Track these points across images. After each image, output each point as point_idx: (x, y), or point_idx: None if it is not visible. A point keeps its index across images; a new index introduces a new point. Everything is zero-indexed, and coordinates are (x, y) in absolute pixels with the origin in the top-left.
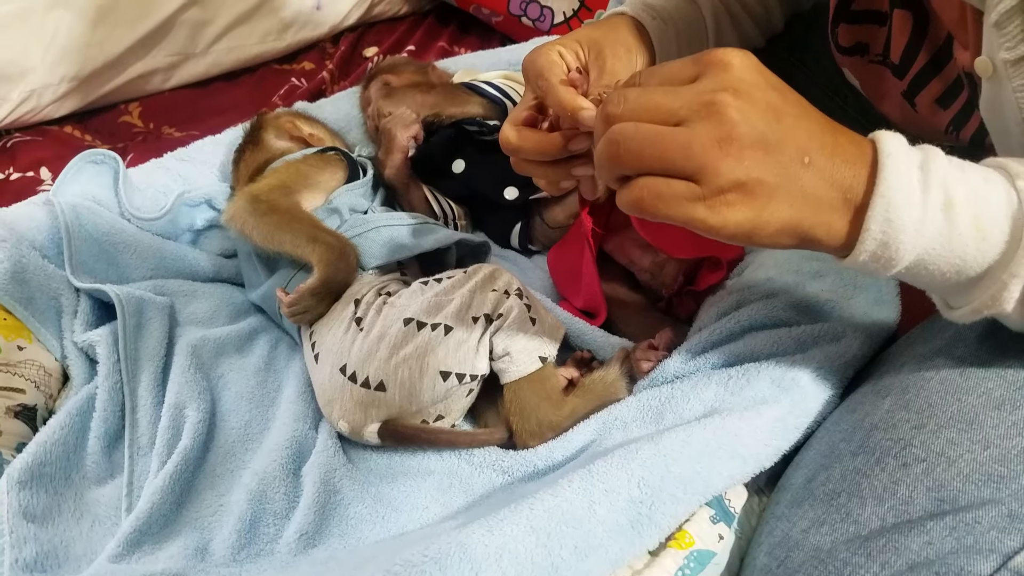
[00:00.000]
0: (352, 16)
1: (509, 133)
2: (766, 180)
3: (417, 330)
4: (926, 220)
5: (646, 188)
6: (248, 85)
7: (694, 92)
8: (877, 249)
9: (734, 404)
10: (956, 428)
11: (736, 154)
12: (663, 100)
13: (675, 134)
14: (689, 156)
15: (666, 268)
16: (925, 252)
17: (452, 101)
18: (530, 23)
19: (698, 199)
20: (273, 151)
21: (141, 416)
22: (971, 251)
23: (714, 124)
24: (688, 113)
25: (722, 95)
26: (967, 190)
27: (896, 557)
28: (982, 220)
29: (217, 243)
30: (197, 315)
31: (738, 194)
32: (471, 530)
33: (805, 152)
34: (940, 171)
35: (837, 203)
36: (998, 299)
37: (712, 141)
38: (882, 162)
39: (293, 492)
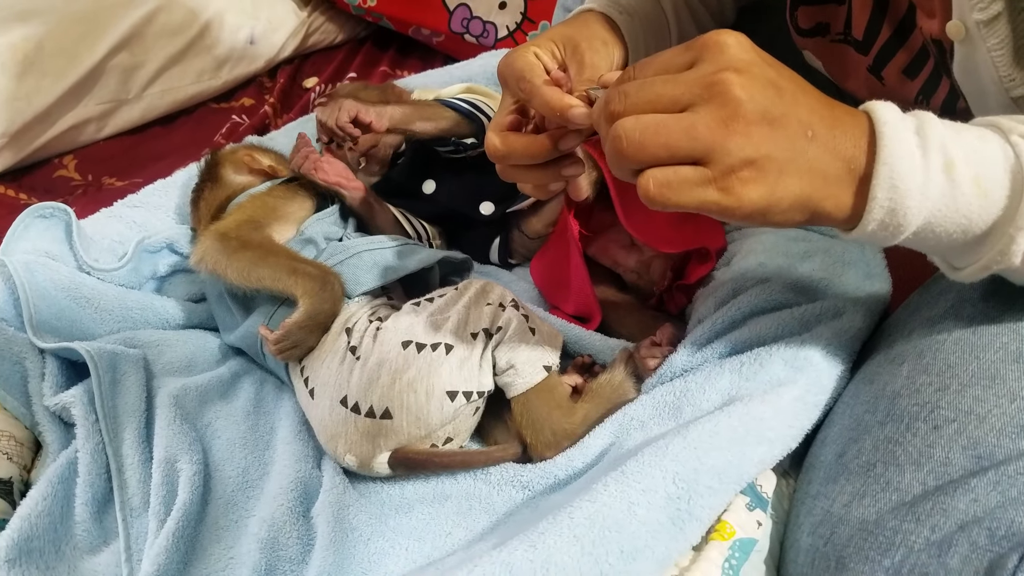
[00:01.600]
0: (287, 48)
1: (495, 140)
2: (775, 155)
3: (417, 352)
4: (929, 183)
5: (652, 179)
6: (187, 127)
7: (695, 75)
8: (885, 217)
9: (751, 389)
10: (980, 385)
11: (743, 131)
12: (664, 89)
13: (678, 120)
14: (695, 138)
15: (653, 266)
16: (931, 215)
17: (423, 115)
18: (474, 40)
19: (708, 182)
20: (234, 186)
21: (129, 476)
22: (975, 209)
23: (718, 104)
24: (691, 97)
25: (724, 74)
26: (964, 150)
27: (944, 518)
28: (982, 178)
29: (183, 288)
30: (174, 364)
31: (750, 171)
32: (513, 547)
33: (808, 126)
34: (936, 134)
35: (842, 174)
36: (1006, 253)
37: (717, 121)
38: (880, 131)
39: (306, 535)
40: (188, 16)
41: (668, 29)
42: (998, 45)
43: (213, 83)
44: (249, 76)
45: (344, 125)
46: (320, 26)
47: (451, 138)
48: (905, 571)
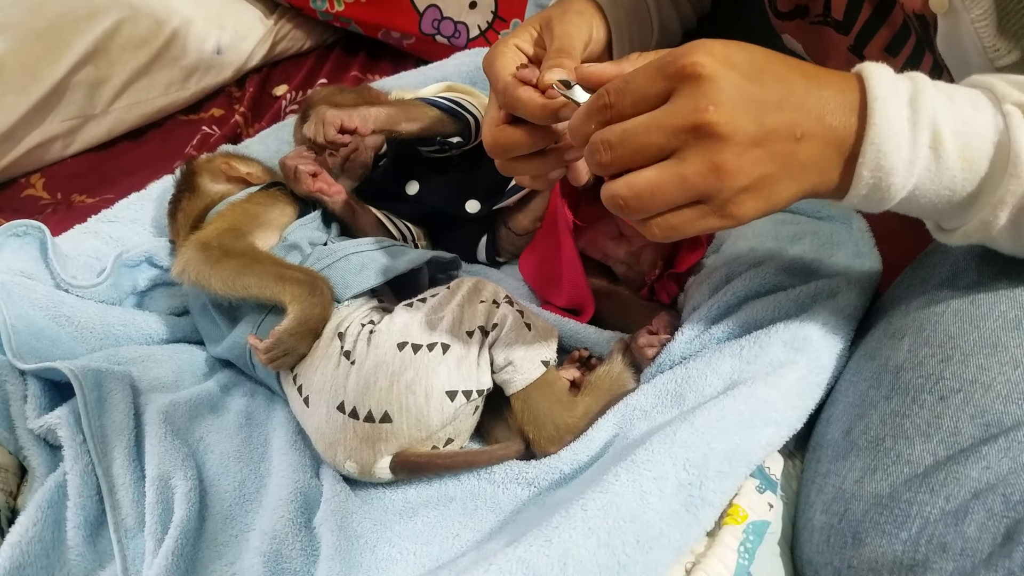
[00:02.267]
0: (255, 56)
1: (493, 135)
2: (767, 173)
3: (414, 353)
4: (915, 160)
5: (656, 227)
6: (156, 140)
7: (676, 118)
8: (870, 192)
9: (753, 372)
10: (982, 354)
11: (735, 167)
12: (647, 139)
13: (669, 179)
14: (690, 189)
15: (643, 256)
16: (915, 188)
17: (407, 115)
18: (445, 41)
19: (708, 214)
20: (212, 195)
21: (122, 496)
22: (959, 180)
23: (704, 147)
24: (677, 143)
25: (705, 115)
26: (955, 122)
27: (958, 487)
28: (969, 150)
29: (165, 302)
30: (160, 380)
31: (745, 195)
32: (528, 543)
33: (795, 127)
34: (929, 105)
35: (833, 160)
36: (987, 224)
37: (708, 168)
38: (871, 106)
39: (310, 546)
40: (153, 28)
41: (648, 14)
42: (981, 16)
43: (181, 95)
44: (217, 86)
45: (335, 139)
46: (287, 33)
47: (436, 137)
48: (923, 542)
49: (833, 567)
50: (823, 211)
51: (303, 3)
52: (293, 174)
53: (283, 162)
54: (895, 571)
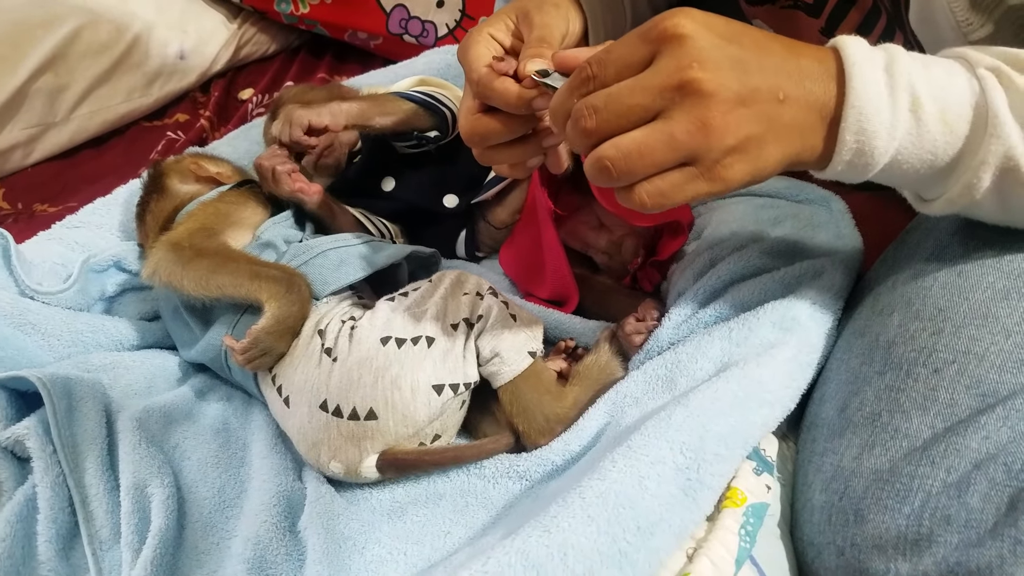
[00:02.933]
0: (220, 61)
1: (470, 124)
2: (753, 133)
3: (398, 347)
4: (896, 123)
5: (645, 192)
6: (119, 148)
7: (661, 77)
8: (853, 157)
9: (744, 354)
10: (973, 325)
11: (721, 124)
12: (632, 100)
13: (657, 135)
14: (677, 148)
15: (624, 245)
16: (898, 152)
17: (381, 109)
18: (413, 40)
19: (696, 177)
20: (181, 196)
21: (95, 507)
22: (940, 144)
23: (691, 104)
24: (662, 103)
25: (689, 72)
26: (931, 86)
27: (959, 459)
28: (948, 113)
29: (135, 307)
30: (132, 387)
31: (733, 156)
32: (526, 535)
33: (777, 89)
34: (905, 71)
35: (815, 123)
36: (970, 187)
37: (695, 124)
38: (849, 72)
39: (296, 551)
40: (113, 33)
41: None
42: None
43: (144, 100)
44: (181, 92)
45: (299, 139)
46: (252, 37)
47: (412, 132)
48: (926, 516)
49: (836, 546)
50: (801, 194)
51: (267, 6)
52: (272, 175)
53: (259, 163)
54: (899, 546)
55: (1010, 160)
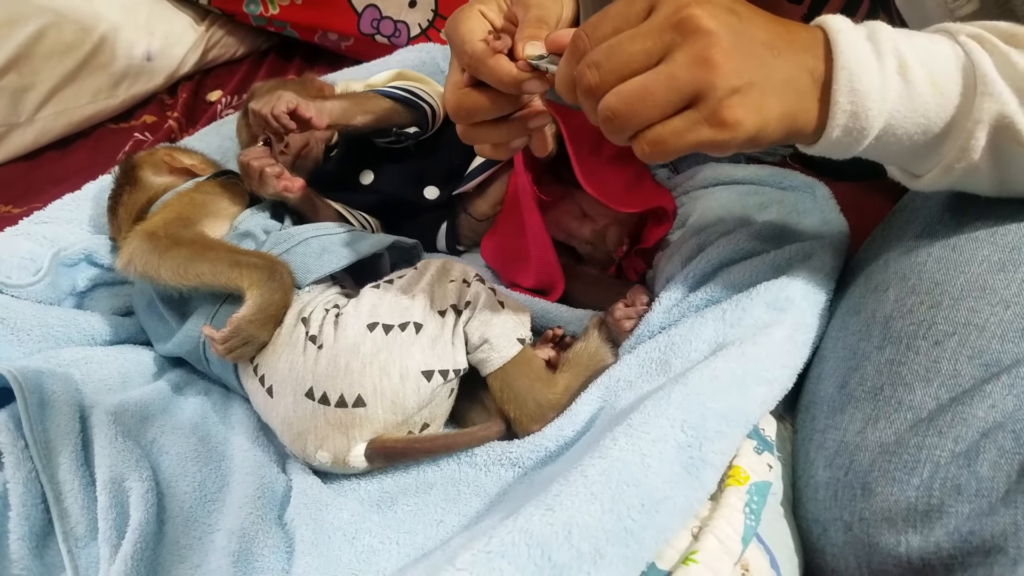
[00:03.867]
0: (187, 63)
1: (457, 98)
2: (754, 79)
3: (385, 334)
4: (887, 85)
5: (646, 142)
6: (85, 149)
7: (659, 20)
8: (848, 121)
9: (738, 334)
10: (971, 297)
11: (723, 62)
12: (633, 46)
13: (657, 77)
14: (679, 88)
15: (608, 234)
16: (891, 116)
17: (362, 108)
18: (385, 40)
19: (699, 123)
20: (156, 188)
21: (70, 503)
22: (932, 107)
23: (691, 42)
24: (663, 45)
25: (688, 10)
26: (916, 51)
27: (966, 428)
28: (936, 76)
29: (107, 302)
30: (106, 382)
31: (737, 99)
32: (529, 513)
33: (772, 45)
34: (888, 38)
35: (809, 86)
36: (966, 149)
37: (696, 61)
38: (834, 39)
39: (283, 542)
40: (79, 34)
41: None
42: None
43: (111, 102)
44: (148, 93)
45: (280, 115)
46: (220, 40)
47: (392, 128)
48: (936, 486)
49: (843, 522)
50: (785, 181)
51: (235, 8)
52: (258, 176)
53: (245, 162)
54: (910, 518)
55: (1005, 118)
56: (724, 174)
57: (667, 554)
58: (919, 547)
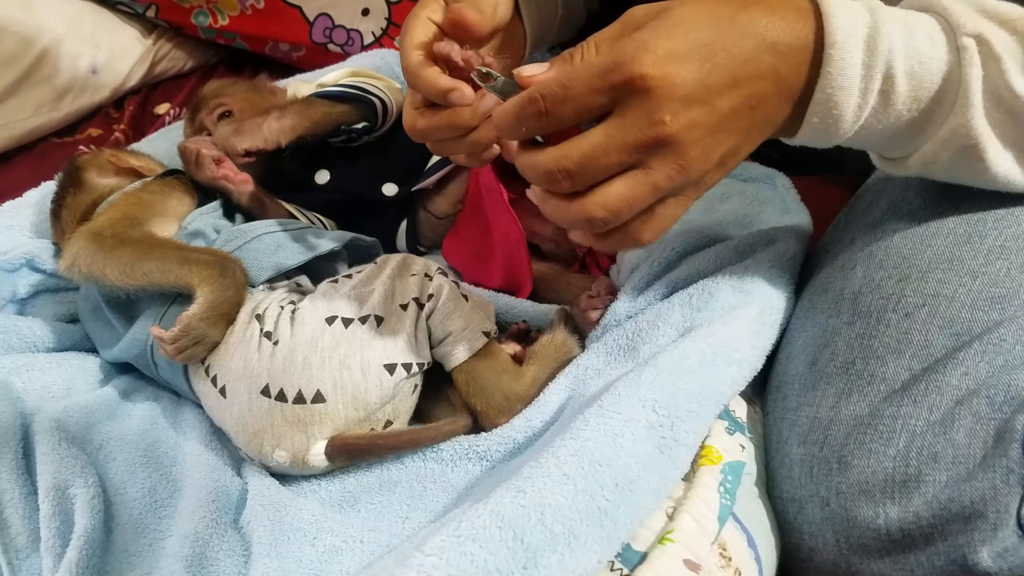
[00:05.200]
0: (134, 77)
1: (414, 120)
2: (730, 146)
3: (345, 327)
4: (864, 105)
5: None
6: (27, 163)
7: (633, 136)
8: (815, 135)
9: (706, 318)
10: (939, 269)
11: (700, 159)
12: (608, 160)
13: (640, 187)
14: (662, 191)
15: None
16: (862, 128)
17: (311, 117)
18: (338, 49)
19: (684, 200)
20: (101, 189)
21: (10, 513)
22: (904, 117)
23: (667, 153)
24: (640, 156)
25: (663, 128)
26: (910, 61)
27: (940, 397)
28: (920, 91)
29: (50, 309)
30: (50, 389)
31: (712, 174)
32: (500, 496)
33: (749, 98)
34: (885, 48)
35: (785, 109)
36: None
37: (675, 170)
38: (827, 52)
39: (239, 546)
40: (21, 45)
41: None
42: None
43: (54, 115)
44: (94, 107)
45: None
46: (167, 53)
47: (340, 127)
48: (912, 455)
49: (820, 497)
50: (745, 173)
51: (183, 20)
52: (195, 159)
53: (183, 146)
54: (887, 488)
55: (970, 140)
56: None
57: (642, 535)
58: (898, 518)
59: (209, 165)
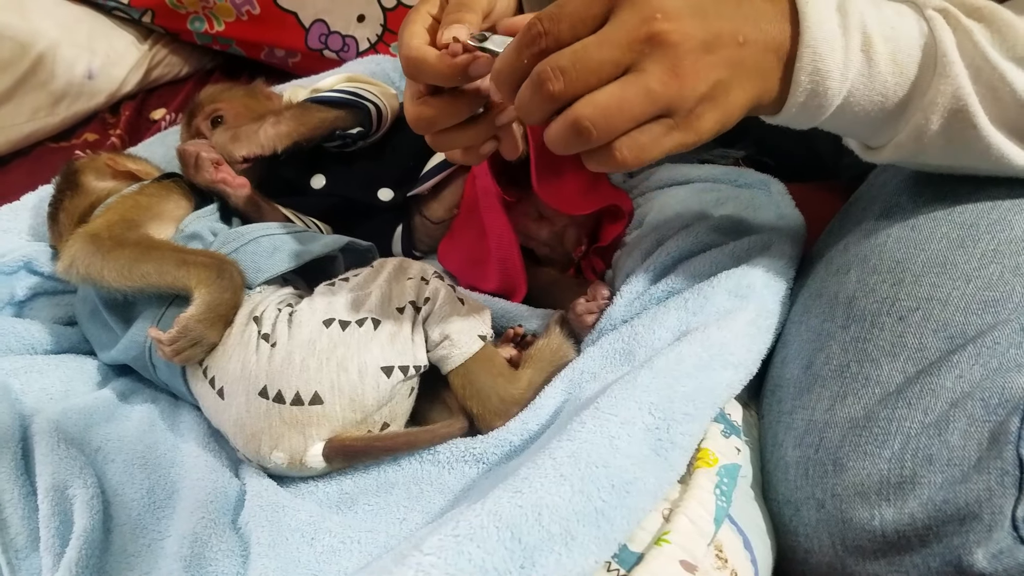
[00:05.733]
0: (130, 82)
1: (415, 110)
2: (721, 78)
3: (342, 330)
4: (849, 63)
5: (626, 148)
6: (23, 168)
7: (625, 31)
8: (807, 99)
9: (702, 321)
10: (933, 273)
11: (692, 72)
12: (601, 55)
13: (633, 89)
14: (655, 100)
15: (566, 235)
16: (850, 93)
17: (306, 123)
18: (333, 55)
19: (673, 128)
20: (99, 192)
21: (9, 513)
22: (890, 85)
23: (660, 55)
24: (632, 56)
25: (654, 24)
26: (883, 26)
27: (934, 399)
28: (898, 55)
29: (48, 312)
30: (48, 391)
31: (705, 104)
32: (497, 496)
33: (737, 32)
34: (857, 11)
35: (774, 65)
36: (920, 127)
37: (668, 74)
38: (802, 11)
39: (238, 547)
40: (16, 51)
41: None
42: None
43: (50, 120)
44: (90, 112)
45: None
46: (163, 59)
47: (335, 132)
48: (908, 457)
49: (815, 499)
50: (740, 179)
51: (179, 26)
52: (194, 161)
53: (182, 149)
54: (883, 490)
55: (958, 101)
56: (679, 174)
57: (639, 536)
58: (893, 519)
59: (208, 168)
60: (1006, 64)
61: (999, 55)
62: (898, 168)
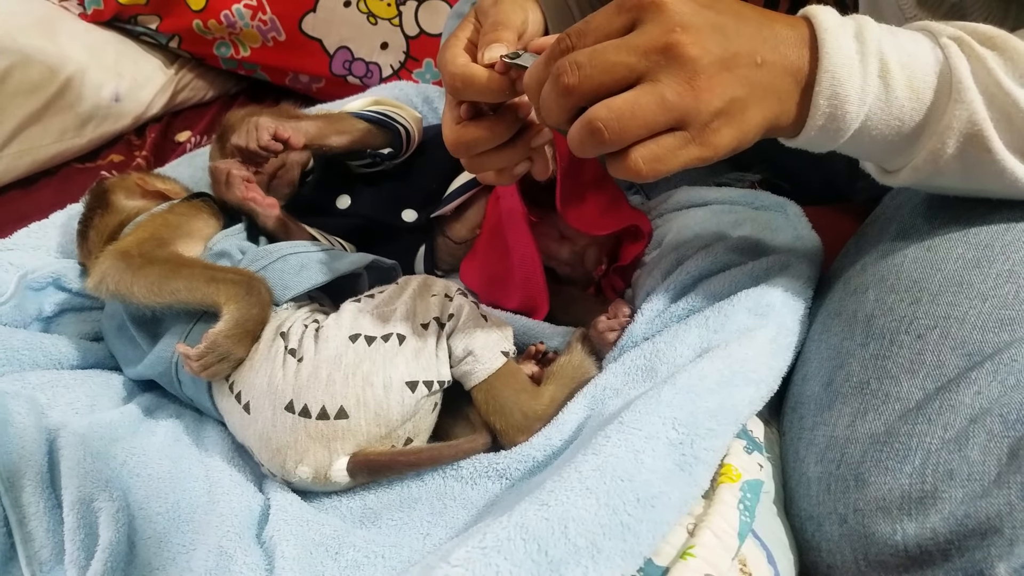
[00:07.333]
0: (155, 105)
1: (455, 134)
2: (738, 96)
3: (368, 345)
4: (867, 88)
5: (640, 157)
6: (50, 188)
7: (645, 41)
8: (826, 122)
9: (722, 339)
10: (950, 292)
11: (708, 86)
12: (617, 57)
13: (647, 97)
14: (669, 109)
15: (587, 255)
16: (868, 118)
17: (337, 128)
18: (357, 81)
19: (689, 142)
20: (128, 211)
21: (35, 526)
22: (907, 110)
23: (678, 67)
24: (648, 65)
25: (673, 36)
26: (899, 53)
27: (954, 415)
28: (915, 80)
29: (75, 328)
30: (74, 406)
31: (720, 120)
32: (523, 509)
33: (755, 53)
34: (874, 38)
35: (791, 88)
36: (936, 152)
37: (683, 86)
38: (821, 38)
39: (263, 561)
40: (46, 73)
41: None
42: None
43: (77, 141)
44: (116, 134)
45: (268, 144)
46: (189, 83)
47: (366, 150)
48: (928, 472)
49: (838, 515)
50: (757, 201)
51: (205, 51)
52: (225, 179)
53: (215, 166)
54: (904, 505)
55: (974, 126)
56: (697, 196)
57: (664, 550)
58: (915, 534)
59: (239, 185)
60: (1019, 91)
61: (1012, 82)
62: (913, 191)
